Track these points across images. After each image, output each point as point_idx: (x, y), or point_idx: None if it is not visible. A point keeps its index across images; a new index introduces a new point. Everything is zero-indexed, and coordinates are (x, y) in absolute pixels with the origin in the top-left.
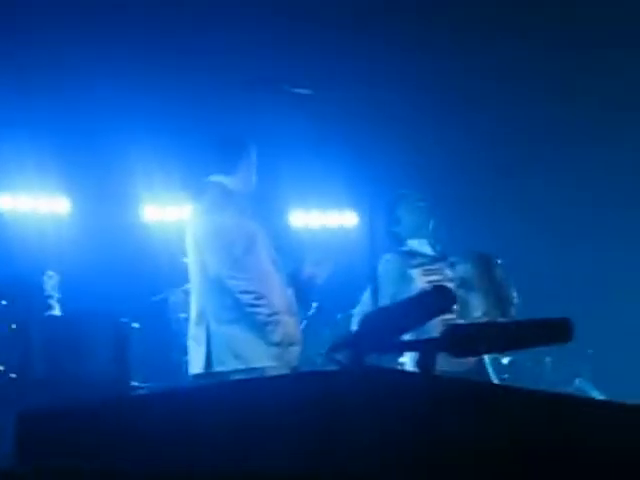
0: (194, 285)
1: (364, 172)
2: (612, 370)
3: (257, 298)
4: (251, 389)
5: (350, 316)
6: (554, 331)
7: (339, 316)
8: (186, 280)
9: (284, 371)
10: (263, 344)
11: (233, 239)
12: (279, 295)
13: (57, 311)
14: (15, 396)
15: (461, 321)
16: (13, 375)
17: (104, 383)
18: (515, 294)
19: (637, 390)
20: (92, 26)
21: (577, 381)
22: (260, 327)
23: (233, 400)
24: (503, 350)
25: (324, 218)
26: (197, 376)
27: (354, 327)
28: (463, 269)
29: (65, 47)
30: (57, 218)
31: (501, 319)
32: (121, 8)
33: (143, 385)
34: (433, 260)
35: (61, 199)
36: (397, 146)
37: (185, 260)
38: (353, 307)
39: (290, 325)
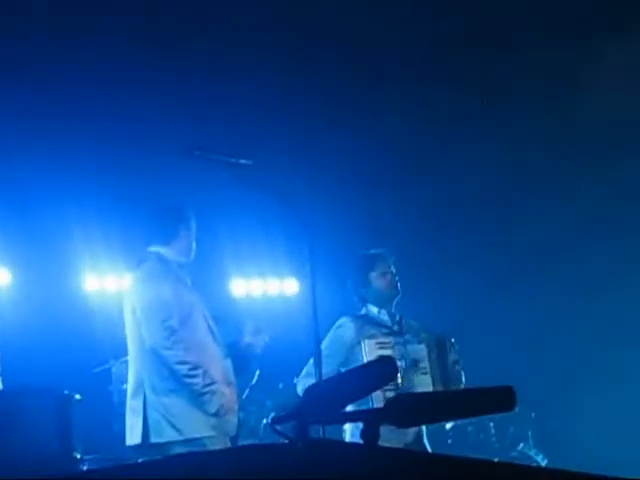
0: (132, 356)
1: (304, 240)
2: (555, 433)
3: (193, 369)
4: (198, 463)
5: (292, 385)
6: (498, 399)
7: (281, 385)
8: (128, 351)
9: (222, 441)
10: (200, 414)
11: (169, 310)
12: (215, 365)
13: None
14: None
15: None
16: None
17: (48, 456)
18: (463, 378)
19: (578, 452)
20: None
21: (521, 445)
22: (196, 397)
23: (180, 475)
24: (447, 419)
25: (265, 286)
26: (134, 447)
27: (299, 394)
28: (416, 350)
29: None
30: None
31: None
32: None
33: (86, 457)
34: (388, 333)
35: (1, 270)
36: (338, 212)
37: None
38: (295, 376)
39: (227, 395)
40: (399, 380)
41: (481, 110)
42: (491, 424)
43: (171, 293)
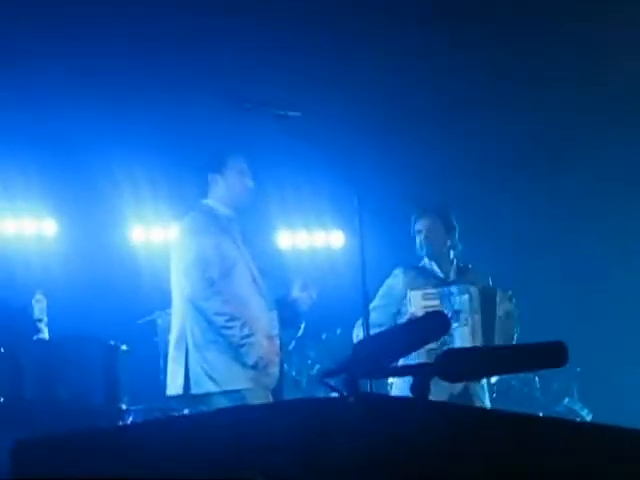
0: (174, 307)
1: (352, 192)
2: (600, 388)
3: (230, 320)
4: (247, 417)
5: (335, 336)
6: (548, 355)
7: (324, 336)
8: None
9: (262, 394)
10: (238, 366)
11: (209, 261)
12: (257, 318)
13: (45, 334)
14: (5, 420)
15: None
16: (1, 399)
17: (94, 405)
18: (515, 332)
19: (624, 407)
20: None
21: (566, 400)
22: (234, 349)
23: (229, 428)
24: (497, 374)
25: (311, 238)
26: (174, 397)
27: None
28: (459, 301)
29: (46, 66)
30: (43, 240)
31: None
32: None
33: (132, 408)
34: (437, 284)
35: (47, 221)
36: (384, 165)
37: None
38: (339, 327)
39: (266, 347)
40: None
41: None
42: (536, 378)
43: (212, 245)
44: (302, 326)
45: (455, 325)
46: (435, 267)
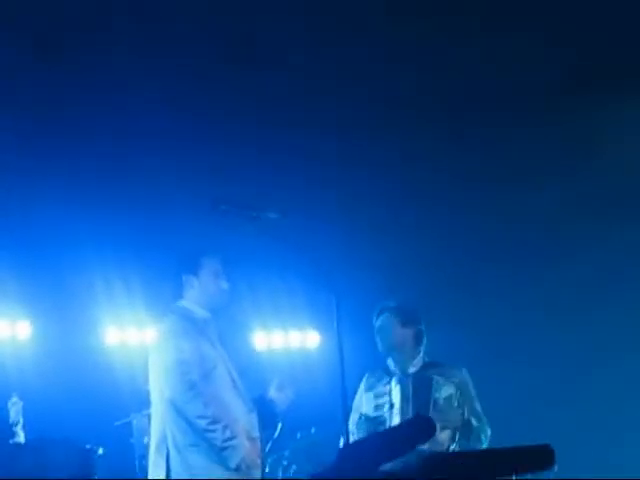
0: (154, 410)
1: (329, 291)
2: None
3: (212, 423)
4: None
5: (309, 434)
6: (537, 458)
7: (299, 435)
8: (149, 404)
9: None
10: (221, 470)
11: (189, 364)
12: (238, 419)
13: (21, 438)
14: None
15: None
16: None
17: None
18: (479, 406)
19: None
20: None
21: None
22: (216, 452)
23: None
24: (486, 479)
25: (286, 339)
26: None
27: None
28: (394, 393)
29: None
30: (18, 343)
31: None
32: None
33: None
34: (388, 381)
35: (21, 323)
36: (361, 263)
37: (148, 387)
38: (313, 425)
39: (248, 449)
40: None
41: None
42: None
43: (192, 348)
44: (279, 426)
45: (389, 416)
46: (391, 364)
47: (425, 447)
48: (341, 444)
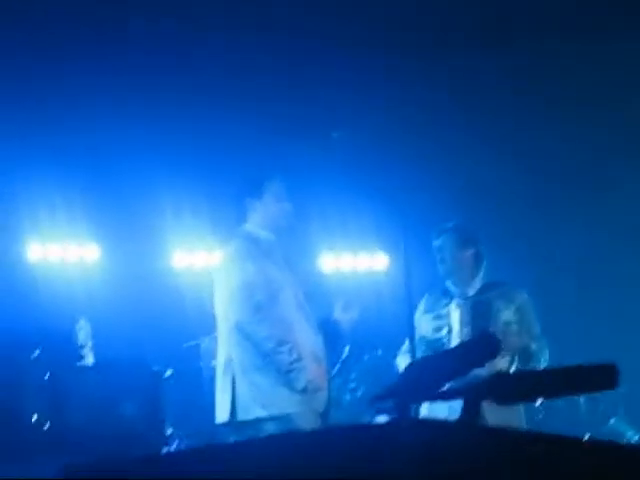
0: (221, 334)
1: (396, 214)
2: None
3: (279, 344)
4: (298, 444)
5: (377, 357)
6: (599, 378)
7: (366, 357)
8: (216, 327)
9: (311, 417)
10: (287, 391)
11: (255, 286)
12: (304, 342)
13: (90, 360)
14: (51, 445)
15: None
16: (47, 424)
17: (139, 431)
18: (538, 328)
19: None
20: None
21: (612, 420)
22: (283, 374)
23: (278, 456)
24: (548, 397)
25: (354, 261)
26: (222, 425)
27: (399, 370)
28: (452, 317)
29: (87, 90)
30: (86, 266)
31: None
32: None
33: (177, 433)
34: (447, 303)
35: (90, 246)
36: (429, 186)
37: (214, 311)
38: (380, 348)
39: (314, 371)
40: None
41: None
42: (581, 399)
43: (257, 270)
44: (347, 349)
45: (447, 340)
46: (450, 286)
47: (483, 372)
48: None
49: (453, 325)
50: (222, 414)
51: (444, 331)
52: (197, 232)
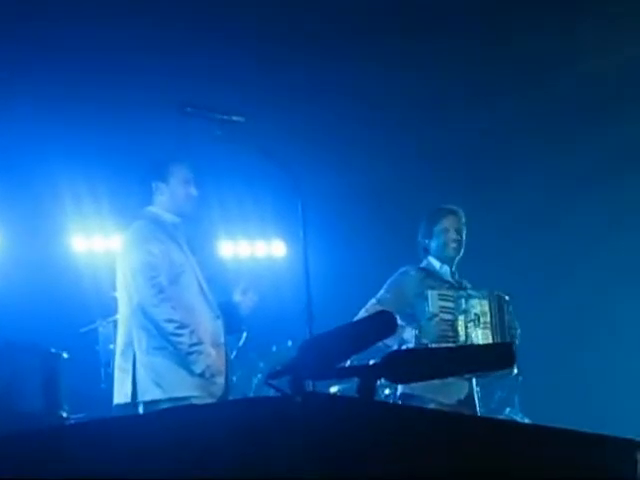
0: (121, 315)
1: (296, 199)
2: (540, 398)
3: (180, 327)
4: (193, 416)
5: (286, 348)
6: (496, 356)
7: (274, 348)
8: (115, 311)
9: (208, 402)
10: (186, 374)
11: (158, 268)
12: (205, 326)
13: None
14: None
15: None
16: None
17: (34, 413)
18: (518, 331)
19: (563, 417)
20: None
21: (507, 410)
22: (183, 357)
23: (173, 427)
24: (444, 376)
25: (252, 248)
26: (121, 406)
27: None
28: (478, 304)
29: None
30: None
31: None
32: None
33: (73, 416)
34: (449, 287)
35: None
36: (331, 173)
37: (115, 294)
38: (287, 339)
39: (214, 356)
40: (460, 333)
41: None
42: (477, 388)
43: (159, 252)
44: (244, 335)
45: (476, 328)
46: (444, 271)
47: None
48: None
49: (472, 314)
50: (121, 396)
51: (455, 314)
52: (96, 216)
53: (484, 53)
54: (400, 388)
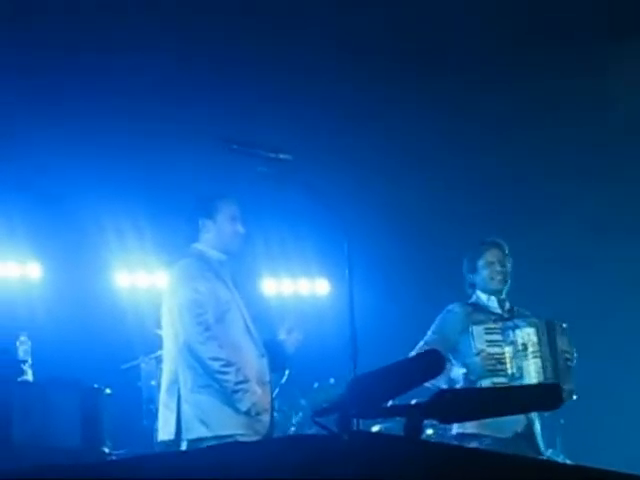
0: (166, 352)
1: (341, 239)
2: (583, 440)
3: (226, 365)
4: (239, 453)
5: (328, 385)
6: (542, 397)
7: (316, 385)
8: (157, 347)
9: (253, 440)
10: (231, 412)
11: (204, 305)
12: (250, 364)
13: (29, 376)
14: None
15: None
16: None
17: (76, 449)
18: (574, 360)
19: (606, 459)
20: (58, 90)
21: (549, 451)
22: (228, 395)
23: (220, 465)
24: (491, 416)
25: (295, 286)
26: (165, 443)
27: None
28: (525, 334)
29: (32, 113)
30: (28, 283)
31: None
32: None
33: (115, 452)
34: (497, 319)
35: (32, 264)
36: (375, 214)
37: (158, 331)
38: (329, 376)
39: (259, 394)
40: (508, 366)
41: None
42: (538, 419)
43: (206, 290)
44: (287, 372)
45: (526, 358)
46: (492, 303)
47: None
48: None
49: (520, 345)
50: (165, 433)
51: (503, 348)
52: (139, 252)
53: (516, 85)
54: (455, 428)
